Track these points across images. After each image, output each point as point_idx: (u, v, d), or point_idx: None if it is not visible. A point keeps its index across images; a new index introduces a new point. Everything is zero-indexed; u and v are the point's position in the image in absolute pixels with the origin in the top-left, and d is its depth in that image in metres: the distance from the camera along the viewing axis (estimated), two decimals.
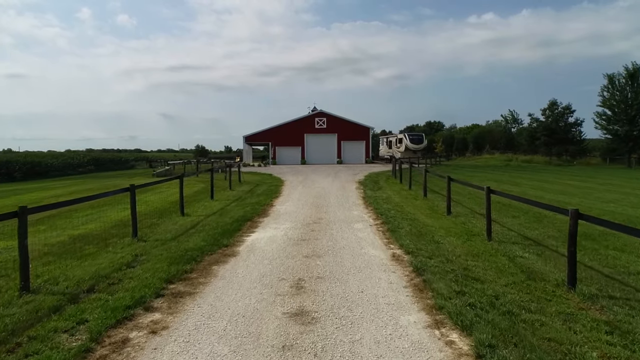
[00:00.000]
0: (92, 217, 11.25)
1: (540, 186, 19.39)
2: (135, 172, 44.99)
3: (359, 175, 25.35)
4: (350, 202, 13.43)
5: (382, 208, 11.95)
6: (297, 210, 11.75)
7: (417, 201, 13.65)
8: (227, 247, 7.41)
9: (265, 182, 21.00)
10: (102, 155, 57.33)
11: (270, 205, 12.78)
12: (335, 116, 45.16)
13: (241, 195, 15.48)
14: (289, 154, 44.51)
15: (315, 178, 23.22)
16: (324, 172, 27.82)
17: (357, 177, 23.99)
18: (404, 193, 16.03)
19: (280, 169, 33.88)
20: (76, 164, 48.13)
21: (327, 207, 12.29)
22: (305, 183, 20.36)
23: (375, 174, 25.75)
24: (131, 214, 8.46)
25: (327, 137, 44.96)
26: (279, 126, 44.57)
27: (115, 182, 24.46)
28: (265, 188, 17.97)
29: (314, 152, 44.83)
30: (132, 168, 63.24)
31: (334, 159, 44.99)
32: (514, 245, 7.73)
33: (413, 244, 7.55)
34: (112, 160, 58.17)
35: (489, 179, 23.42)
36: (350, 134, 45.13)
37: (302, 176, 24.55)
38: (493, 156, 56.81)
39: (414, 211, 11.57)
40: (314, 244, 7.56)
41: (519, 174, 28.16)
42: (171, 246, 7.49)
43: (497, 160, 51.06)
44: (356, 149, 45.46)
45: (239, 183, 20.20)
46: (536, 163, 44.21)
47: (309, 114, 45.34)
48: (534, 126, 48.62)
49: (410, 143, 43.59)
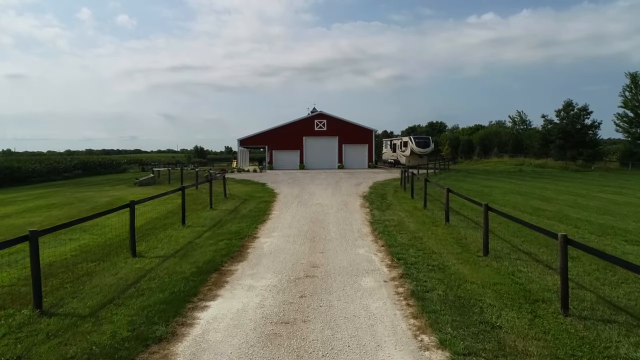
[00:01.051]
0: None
1: (575, 202, 16.60)
2: (124, 177, 42.28)
3: (363, 185, 22.57)
4: (355, 231, 10.67)
5: (396, 243, 9.19)
6: (285, 247, 8.98)
7: (439, 229, 10.88)
8: (160, 342, 4.62)
9: (255, 196, 18.23)
10: (92, 158, 54.64)
11: (252, 238, 10.01)
12: (336, 118, 42.41)
13: (221, 218, 12.72)
14: (287, 158, 41.77)
15: (313, 190, 20.46)
16: (323, 182, 25.05)
17: (361, 188, 21.22)
18: (418, 214, 13.26)
19: (276, 176, 31.13)
20: (62, 168, 45.43)
21: (326, 241, 9.52)
22: (301, 197, 17.61)
23: (381, 184, 22.96)
24: (32, 274, 5.64)
25: (328, 140, 42.22)
26: (276, 128, 41.82)
27: (90, 195, 21.74)
28: (252, 206, 15.21)
29: (313, 156, 42.09)
30: (124, 172, 60.56)
31: (334, 163, 42.24)
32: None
33: (457, 331, 4.79)
34: (102, 164, 55.42)
35: (511, 190, 20.60)
36: (352, 137, 42.38)
37: (299, 187, 21.78)
38: (502, 159, 53.99)
39: (439, 248, 8.81)
40: (301, 336, 4.77)
41: (541, 183, 25.33)
42: (66, 339, 4.73)
43: (508, 164, 48.22)
44: (358, 152, 42.71)
45: (224, 198, 17.44)
46: (551, 168, 41.38)
47: (308, 116, 42.60)
48: (548, 128, 45.72)
49: (416, 147, 40.80)
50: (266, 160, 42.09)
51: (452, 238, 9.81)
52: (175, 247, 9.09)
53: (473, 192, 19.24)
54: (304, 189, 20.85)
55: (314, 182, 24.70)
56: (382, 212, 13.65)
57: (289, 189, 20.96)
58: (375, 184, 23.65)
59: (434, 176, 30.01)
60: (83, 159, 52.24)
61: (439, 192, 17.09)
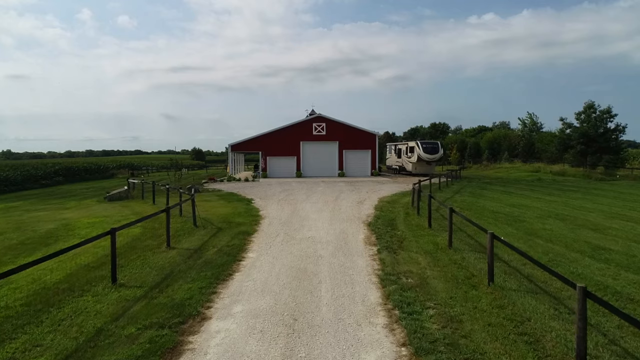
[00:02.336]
0: None
1: (638, 232, 13.04)
2: (106, 185, 38.81)
3: (367, 204, 19.05)
4: (358, 302, 7.16)
5: (424, 336, 5.71)
6: (243, 353, 5.49)
7: (481, 295, 7.35)
8: None
9: (234, 222, 14.70)
10: (76, 163, 51.11)
11: (199, 320, 6.49)
12: (336, 121, 38.91)
13: (174, 269, 9.21)
14: (283, 165, 38.30)
15: (307, 211, 16.95)
16: (320, 198, 21.53)
17: (365, 208, 17.71)
18: (444, 260, 9.73)
19: (268, 187, 27.62)
20: (39, 175, 42.02)
21: (312, 333, 6.02)
22: (291, 225, 14.11)
23: (388, 203, 19.41)
24: None
25: (327, 145, 38.73)
26: (271, 133, 38.34)
27: (40, 215, 18.29)
28: (225, 241, 11.70)
29: (311, 162, 38.61)
30: (111, 177, 57.09)
31: (334, 170, 38.75)
32: None
33: None
34: (88, 169, 51.95)
35: (547, 212, 17.02)
36: (354, 141, 38.88)
37: (290, 207, 18.26)
38: (514, 165, 50.39)
39: (495, 348, 5.32)
40: None
41: (575, 200, 21.68)
42: None
43: (521, 170, 44.63)
44: (360, 159, 39.22)
45: (194, 227, 13.93)
46: (571, 176, 37.77)
47: (305, 119, 39.12)
48: (567, 133, 42.03)
49: (424, 152, 37.29)
50: (260, 168, 38.59)
51: (511, 320, 6.28)
52: (68, 346, 5.58)
53: (503, 217, 15.72)
54: (296, 210, 17.34)
55: (309, 199, 21.19)
56: (393, 255, 10.13)
57: (278, 210, 17.45)
58: (380, 201, 20.13)
59: (447, 188, 26.48)
60: (66, 164, 48.78)
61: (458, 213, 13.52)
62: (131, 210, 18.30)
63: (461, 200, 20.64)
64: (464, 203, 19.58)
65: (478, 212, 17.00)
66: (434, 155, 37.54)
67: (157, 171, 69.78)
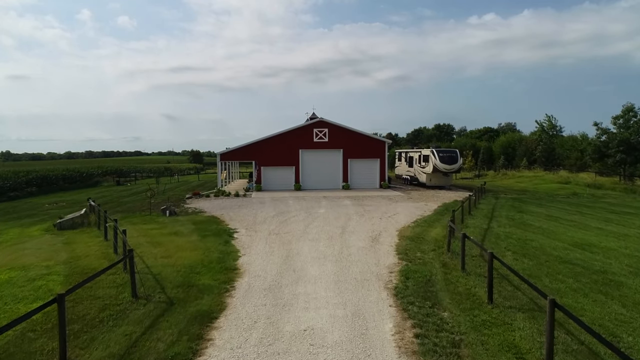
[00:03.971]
0: None
1: None
2: (76, 198, 34.22)
3: (384, 242, 14.37)
4: None
5: None
6: None
7: None
8: None
9: (196, 284, 9.98)
10: (53, 171, 46.36)
11: None
12: (339, 126, 34.27)
13: None
14: (279, 176, 33.66)
15: (304, 261, 12.28)
16: (322, 232, 16.86)
17: (382, 251, 13.04)
18: None
19: (259, 208, 22.96)
20: (8, 186, 37.47)
21: None
22: (279, 292, 9.46)
23: (412, 240, 14.67)
24: None
25: (330, 153, 34.07)
26: (266, 140, 33.70)
27: None
28: (166, 341, 7.04)
29: (312, 173, 33.94)
30: (95, 185, 52.48)
31: (338, 182, 34.09)
32: None
33: None
34: (68, 178, 47.30)
35: (637, 262, 12.31)
36: (360, 149, 34.22)
37: (282, 251, 13.57)
38: (536, 173, 45.61)
39: None
40: None
41: None
42: None
43: (547, 181, 39.85)
44: (367, 169, 34.54)
45: (133, 298, 9.24)
46: (609, 189, 33.02)
47: (305, 124, 34.44)
48: (602, 139, 37.23)
49: (440, 162, 32.58)
50: (253, 180, 33.93)
51: None
52: None
53: (580, 271, 11.01)
54: (290, 256, 12.68)
55: (308, 231, 16.54)
56: None
57: (265, 256, 12.78)
58: (401, 236, 15.43)
59: (475, 209, 21.76)
60: (43, 173, 44.15)
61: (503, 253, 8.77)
62: (69, 253, 13.65)
63: (504, 234, 15.97)
64: (510, 240, 14.91)
65: (538, 258, 12.35)
66: (452, 165, 32.83)
67: (147, 177, 64.93)
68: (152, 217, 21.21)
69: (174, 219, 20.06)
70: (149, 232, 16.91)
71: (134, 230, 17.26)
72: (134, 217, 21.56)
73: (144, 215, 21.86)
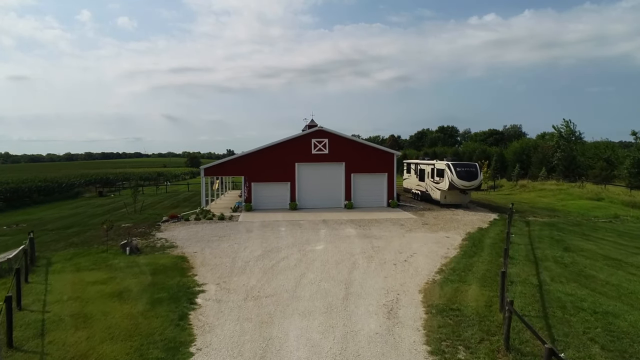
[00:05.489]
0: None
1: None
2: (58, 213, 30.08)
3: (405, 306, 10.06)
4: None
5: None
6: None
7: None
8: None
9: None
10: (27, 183, 41.96)
11: None
12: (341, 136, 30.04)
13: None
14: (272, 194, 29.41)
15: (286, 349, 8.04)
16: (319, 292, 12.57)
17: (401, 324, 8.75)
18: None
19: (244, 239, 18.66)
20: None
21: None
22: None
23: (441, 306, 10.32)
24: None
25: (330, 167, 29.82)
26: (257, 152, 29.48)
27: None
28: None
29: (309, 190, 29.70)
30: (76, 197, 48.23)
31: (339, 200, 29.84)
32: None
33: None
34: (44, 189, 43.01)
35: None
36: (365, 162, 29.97)
37: (259, 329, 9.29)
38: (560, 186, 41.19)
39: None
40: None
41: None
42: None
43: (575, 196, 35.42)
44: (374, 185, 30.29)
45: None
46: None
47: (302, 133, 30.19)
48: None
49: (458, 178, 28.28)
50: (242, 197, 29.68)
51: None
52: None
53: None
54: (269, 350, 8.42)
55: (300, 288, 12.28)
56: None
57: (233, 348, 8.52)
58: (427, 299, 11.10)
59: (512, 247, 17.38)
60: (13, 186, 39.89)
61: None
62: None
63: (569, 300, 11.64)
64: (582, 314, 10.60)
65: None
66: (471, 182, 28.51)
67: (136, 185, 60.05)
68: (108, 255, 17.00)
69: (132, 261, 15.81)
70: (87, 288, 12.66)
71: (69, 283, 13.07)
72: (87, 254, 17.36)
73: (99, 252, 17.64)
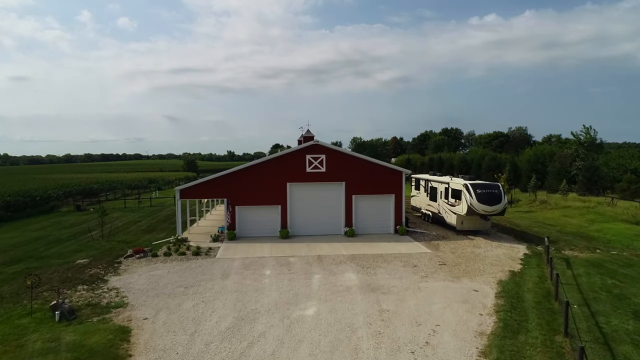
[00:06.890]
0: None
1: None
2: (20, 237, 25.87)
3: None
4: None
5: None
6: None
7: None
8: None
9: None
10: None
11: None
12: (341, 152, 25.82)
13: None
14: (260, 219, 25.16)
15: None
16: None
17: None
18: None
19: (215, 294, 14.34)
20: None
21: None
22: None
23: None
24: None
25: (328, 188, 25.54)
26: (243, 170, 25.24)
27: None
28: None
29: (304, 214, 25.42)
30: (51, 211, 43.90)
31: (339, 226, 25.56)
32: None
33: None
34: (13, 205, 38.74)
35: None
36: (368, 182, 25.68)
37: None
38: (585, 203, 36.79)
39: None
40: None
41: None
42: None
43: (608, 217, 31.05)
44: (378, 208, 26.00)
45: None
46: None
47: (296, 149, 25.90)
48: None
49: (478, 202, 23.93)
50: (226, 223, 25.39)
51: None
52: None
53: None
54: None
55: None
56: None
57: None
58: None
59: (573, 315, 12.96)
60: None
61: None
62: None
63: None
64: None
65: None
66: (494, 206, 24.14)
67: (123, 197, 55.46)
68: (31, 322, 12.78)
69: (54, 338, 11.56)
70: None
71: None
72: (5, 317, 13.14)
73: (22, 314, 13.40)
